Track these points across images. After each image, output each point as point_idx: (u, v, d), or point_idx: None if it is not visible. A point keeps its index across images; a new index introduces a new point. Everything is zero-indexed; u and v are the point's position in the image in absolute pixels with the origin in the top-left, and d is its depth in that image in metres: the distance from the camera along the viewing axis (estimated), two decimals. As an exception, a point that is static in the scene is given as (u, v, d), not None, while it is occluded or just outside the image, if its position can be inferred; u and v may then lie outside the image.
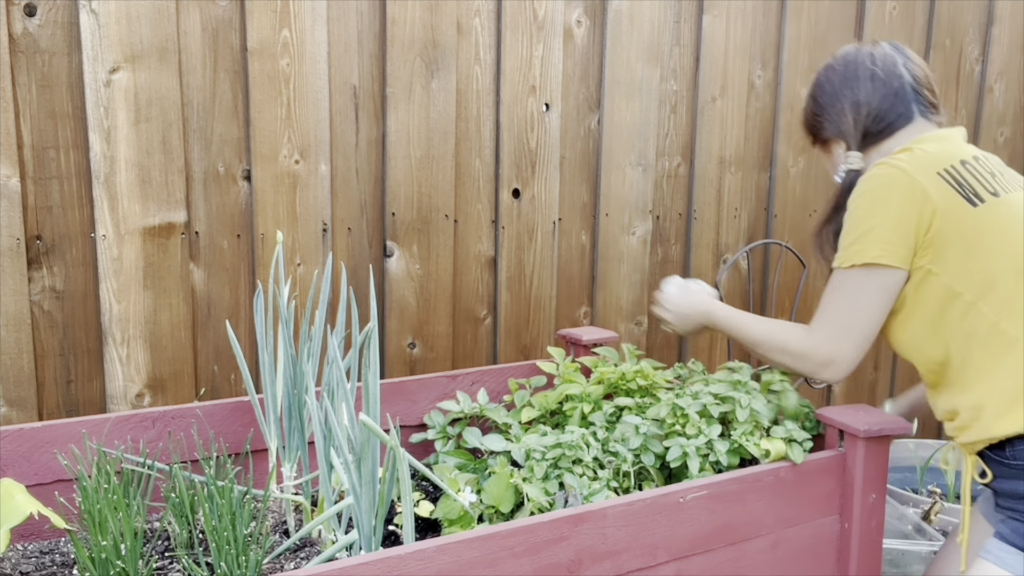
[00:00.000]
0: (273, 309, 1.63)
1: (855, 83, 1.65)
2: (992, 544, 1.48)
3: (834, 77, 1.69)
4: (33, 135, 1.78)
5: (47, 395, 1.86)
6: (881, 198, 1.50)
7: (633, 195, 2.43)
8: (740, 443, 1.52)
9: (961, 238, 1.46)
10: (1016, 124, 3.05)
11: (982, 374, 1.45)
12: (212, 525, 1.33)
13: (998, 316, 1.44)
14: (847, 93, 1.66)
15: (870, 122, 1.64)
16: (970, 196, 1.48)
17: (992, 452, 1.48)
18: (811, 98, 1.74)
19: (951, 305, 1.47)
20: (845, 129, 1.66)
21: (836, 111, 1.67)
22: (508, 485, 1.50)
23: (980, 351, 1.45)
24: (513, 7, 2.18)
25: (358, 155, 2.08)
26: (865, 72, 1.65)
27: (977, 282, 1.45)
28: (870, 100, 1.64)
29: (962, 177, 1.50)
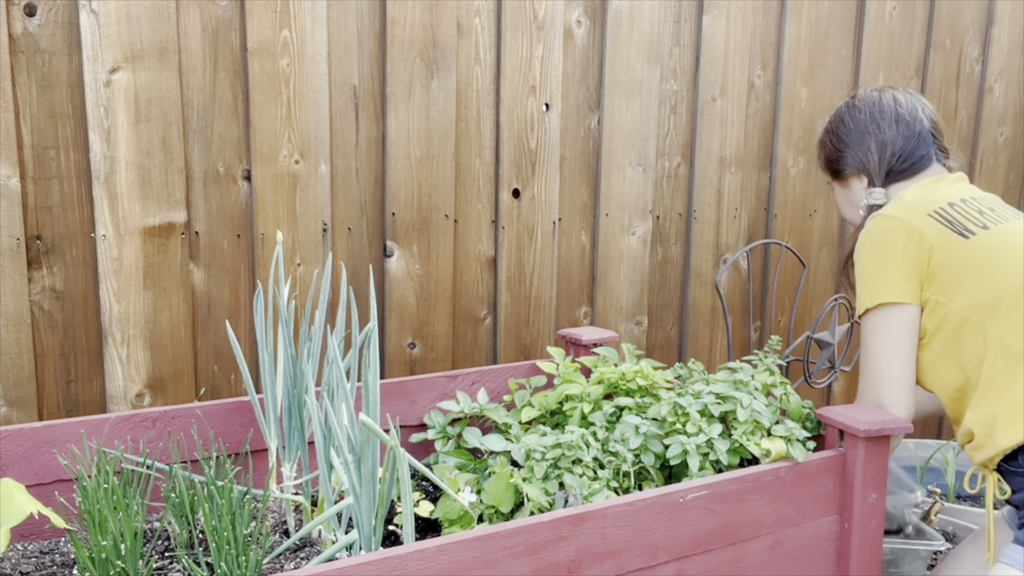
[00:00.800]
0: (273, 309, 1.63)
1: (881, 123, 1.76)
2: (1012, 549, 1.52)
3: (860, 116, 1.78)
4: (33, 135, 1.78)
5: (47, 395, 1.86)
6: (882, 246, 1.63)
7: (633, 195, 2.43)
8: (741, 443, 1.52)
9: (960, 267, 1.57)
10: (1016, 124, 3.05)
11: (992, 389, 1.52)
12: (212, 525, 1.32)
13: (1003, 332, 1.51)
14: (874, 131, 1.76)
15: (896, 162, 1.75)
16: (960, 231, 1.60)
17: (1008, 464, 1.52)
18: (832, 134, 1.83)
19: (962, 329, 1.56)
20: (870, 166, 1.77)
21: (862, 149, 1.77)
22: (508, 485, 1.50)
23: (989, 368, 1.52)
24: (513, 7, 2.18)
25: (358, 155, 2.08)
26: (891, 114, 1.76)
27: (981, 304, 1.55)
28: (895, 141, 1.75)
29: (951, 216, 1.63)
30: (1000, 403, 1.51)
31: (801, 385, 2.08)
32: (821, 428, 1.60)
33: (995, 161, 3.03)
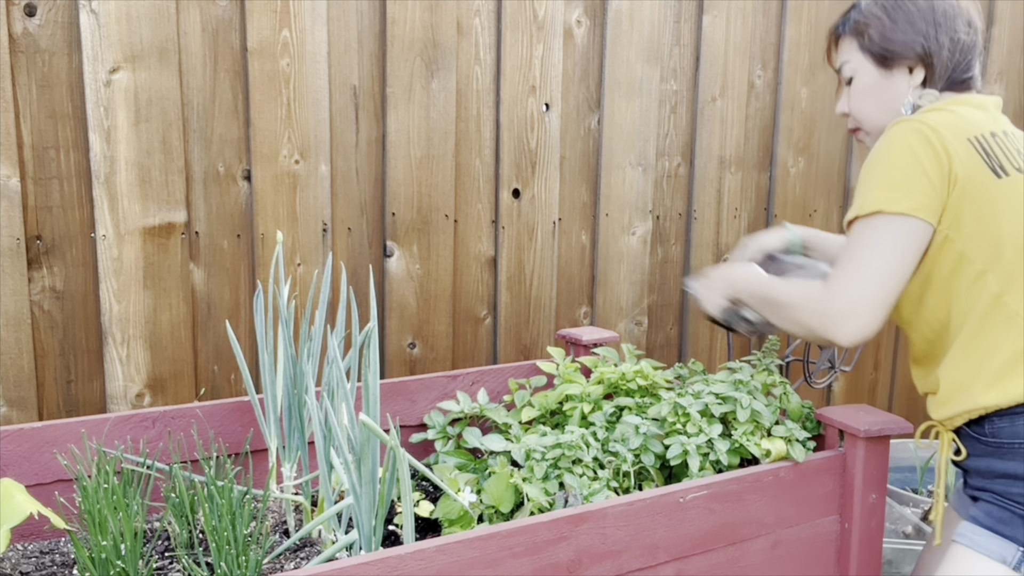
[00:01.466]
0: (273, 309, 1.63)
1: (957, 18, 1.53)
2: (964, 527, 1.46)
3: (938, 2, 1.54)
4: (33, 135, 1.78)
5: (47, 395, 1.86)
6: (913, 152, 1.41)
7: (633, 195, 2.43)
8: (741, 443, 1.52)
9: (980, 206, 1.41)
10: (1016, 124, 3.04)
11: (976, 344, 1.43)
12: (212, 525, 1.33)
13: (1002, 288, 1.41)
14: (949, 24, 1.53)
15: (962, 66, 1.54)
16: (996, 168, 1.43)
17: (969, 428, 1.46)
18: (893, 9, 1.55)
19: (961, 271, 1.43)
20: (938, 61, 1.53)
21: (932, 36, 1.52)
22: (508, 485, 1.50)
23: (978, 320, 1.43)
24: (513, 7, 2.18)
25: (358, 155, 2.08)
26: (964, 13, 1.55)
27: (988, 252, 1.42)
28: (965, 43, 1.54)
29: (991, 148, 1.45)
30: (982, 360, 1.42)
31: (801, 385, 2.08)
32: (821, 428, 1.60)
33: (995, 161, 3.03)
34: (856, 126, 1.62)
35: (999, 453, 1.42)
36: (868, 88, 1.57)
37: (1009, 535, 1.40)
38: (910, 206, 1.39)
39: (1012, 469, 1.40)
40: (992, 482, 1.44)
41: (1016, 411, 1.39)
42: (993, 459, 1.43)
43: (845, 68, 1.60)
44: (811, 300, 1.46)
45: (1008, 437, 1.41)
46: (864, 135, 1.62)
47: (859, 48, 1.57)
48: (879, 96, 1.57)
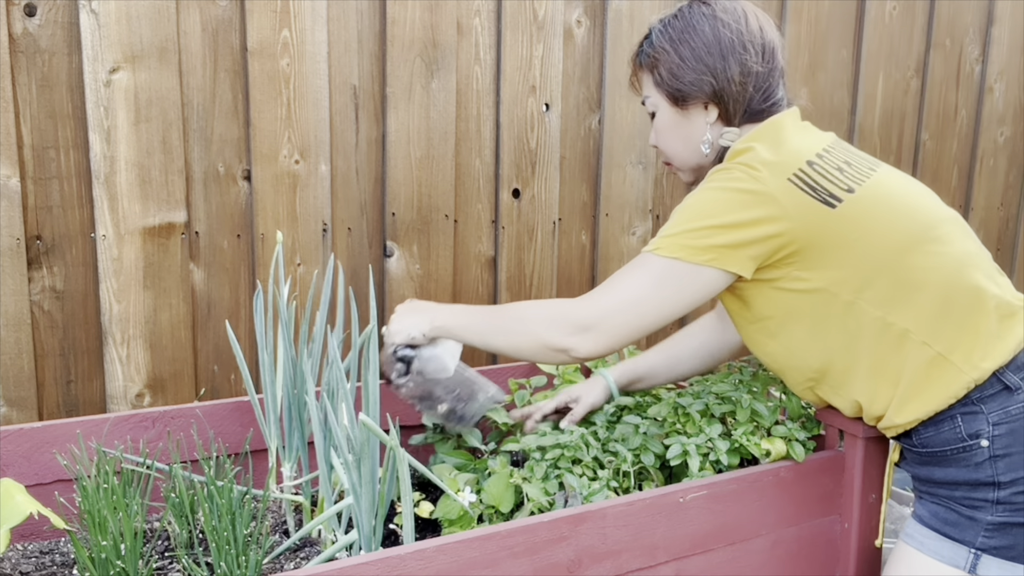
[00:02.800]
0: (273, 309, 1.63)
1: (749, 47, 1.43)
2: (911, 527, 1.45)
3: (725, 32, 1.42)
4: (33, 135, 1.78)
5: (47, 395, 1.86)
6: (738, 201, 1.34)
7: (633, 195, 2.43)
8: (741, 443, 1.52)
9: (824, 243, 1.35)
10: (1016, 124, 3.05)
11: (880, 370, 1.39)
12: (212, 525, 1.33)
13: (883, 311, 1.36)
14: (740, 54, 1.42)
15: (758, 98, 1.45)
16: (826, 199, 1.35)
17: (901, 440, 1.45)
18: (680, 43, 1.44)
19: (829, 308, 1.38)
20: (730, 98, 1.43)
21: (723, 73, 1.42)
22: (508, 485, 1.50)
23: (871, 348, 1.38)
24: (513, 7, 2.18)
25: (358, 155, 2.08)
26: (757, 36, 1.44)
27: (852, 282, 1.36)
28: (760, 72, 1.44)
29: (813, 179, 1.36)
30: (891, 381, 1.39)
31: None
32: (821, 428, 1.60)
33: (995, 161, 3.03)
34: (667, 160, 1.56)
35: (934, 461, 1.41)
36: (667, 126, 1.50)
37: (959, 538, 1.38)
38: (708, 258, 1.34)
39: (952, 475, 1.39)
40: (935, 487, 1.42)
41: (938, 419, 1.38)
42: (931, 467, 1.42)
43: (647, 103, 1.52)
44: (555, 308, 1.43)
45: (938, 445, 1.39)
46: (676, 170, 1.57)
47: (654, 84, 1.49)
48: (678, 133, 1.50)
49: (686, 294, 1.37)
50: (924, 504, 1.45)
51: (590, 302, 1.40)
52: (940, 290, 1.37)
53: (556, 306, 1.43)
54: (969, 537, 1.37)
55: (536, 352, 1.43)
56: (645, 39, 1.51)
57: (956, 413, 1.37)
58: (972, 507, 1.37)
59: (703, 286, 1.37)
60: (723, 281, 1.38)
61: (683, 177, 1.57)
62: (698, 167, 1.52)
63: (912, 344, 1.37)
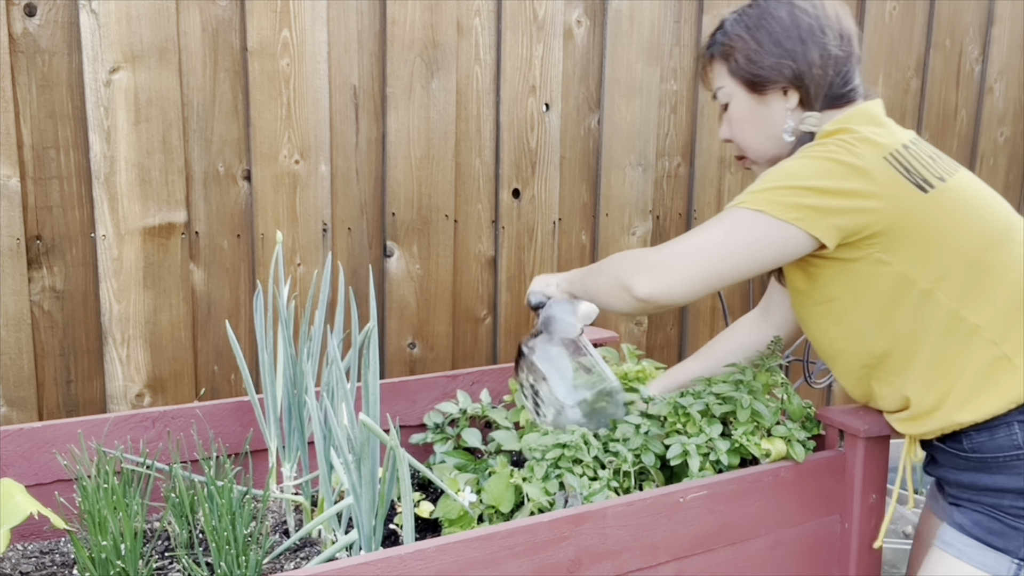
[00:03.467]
0: (273, 309, 1.63)
1: (828, 31, 1.42)
2: (950, 535, 1.41)
3: (804, 17, 1.42)
4: (33, 135, 1.78)
5: (47, 395, 1.86)
6: (833, 169, 1.32)
7: (633, 195, 2.43)
8: (741, 443, 1.52)
9: (913, 227, 1.34)
10: (1016, 124, 3.05)
11: (942, 364, 1.37)
12: (212, 525, 1.32)
13: (957, 304, 1.35)
14: (819, 39, 1.42)
15: (839, 82, 1.44)
16: (919, 182, 1.34)
17: (945, 443, 1.42)
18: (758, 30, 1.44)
19: (905, 294, 1.36)
20: (811, 82, 1.42)
21: (804, 58, 1.41)
22: (508, 485, 1.50)
23: (938, 340, 1.37)
24: (513, 7, 2.18)
25: (358, 155, 2.08)
26: (834, 22, 1.44)
27: (932, 270, 1.34)
28: (839, 57, 1.43)
29: (908, 161, 1.36)
30: (953, 378, 1.37)
31: (801, 385, 2.08)
32: (821, 428, 1.60)
33: (995, 161, 3.03)
34: (741, 154, 1.54)
35: (983, 467, 1.38)
36: (744, 115, 1.48)
37: (1002, 547, 1.36)
38: (793, 216, 1.31)
39: (1001, 483, 1.36)
40: (980, 494, 1.40)
41: (993, 424, 1.36)
42: (978, 473, 1.39)
43: (720, 94, 1.51)
44: (632, 251, 1.43)
45: (991, 451, 1.37)
46: (751, 163, 1.54)
47: (729, 73, 1.47)
48: (757, 122, 1.47)
49: (763, 249, 1.33)
50: (964, 512, 1.41)
51: (666, 244, 1.37)
52: (1014, 291, 1.36)
53: (640, 249, 1.40)
54: (1013, 547, 1.35)
55: (609, 290, 1.41)
56: (718, 30, 1.50)
57: (1013, 420, 1.35)
58: (1019, 516, 1.35)
59: (782, 245, 1.33)
60: (803, 245, 1.34)
61: (757, 170, 1.53)
62: (775, 157, 1.49)
63: (980, 341, 1.35)
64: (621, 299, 1.40)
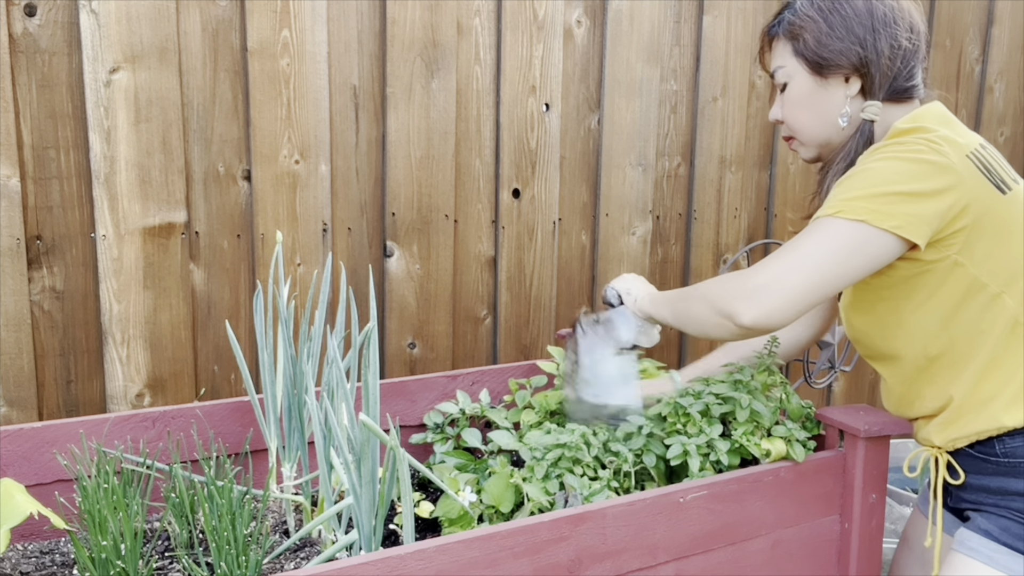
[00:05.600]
0: (273, 309, 1.63)
1: (899, 21, 1.41)
2: (975, 541, 1.40)
3: (877, 4, 1.40)
4: (33, 135, 1.78)
5: (47, 395, 1.86)
6: (922, 171, 1.29)
7: (633, 195, 2.43)
8: (741, 443, 1.52)
9: (991, 227, 1.32)
10: (1016, 124, 3.05)
11: (996, 366, 1.37)
12: (212, 525, 1.32)
13: (1020, 308, 1.35)
14: (890, 27, 1.40)
15: (904, 75, 1.42)
16: (998, 183, 1.34)
17: (973, 449, 1.41)
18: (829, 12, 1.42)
19: (974, 297, 1.35)
20: (875, 68, 1.40)
21: (870, 44, 1.39)
22: (508, 485, 1.50)
23: (995, 344, 1.36)
24: (513, 7, 2.18)
25: (358, 155, 2.08)
26: (907, 19, 1.42)
27: (1004, 273, 1.34)
28: (907, 49, 1.41)
29: (987, 162, 1.34)
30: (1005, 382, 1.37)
31: (801, 385, 2.08)
32: (821, 428, 1.60)
33: (995, 161, 3.03)
34: (790, 135, 1.52)
35: (1015, 472, 1.37)
36: (802, 96, 1.46)
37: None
38: (895, 224, 1.28)
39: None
40: (1008, 499, 1.39)
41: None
42: (1007, 478, 1.38)
43: (779, 73, 1.48)
44: (731, 275, 1.37)
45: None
46: (799, 145, 1.52)
47: (793, 53, 1.45)
48: (813, 105, 1.46)
49: (864, 260, 1.30)
50: (990, 518, 1.40)
51: (762, 265, 1.32)
52: None
53: (734, 273, 1.36)
54: None
55: (707, 319, 1.36)
56: (787, 8, 1.48)
57: None
58: None
59: (881, 254, 1.30)
60: (898, 250, 1.31)
61: (804, 153, 1.52)
62: (826, 143, 1.47)
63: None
64: (721, 327, 1.35)
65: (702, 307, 1.37)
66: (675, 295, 1.50)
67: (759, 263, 1.34)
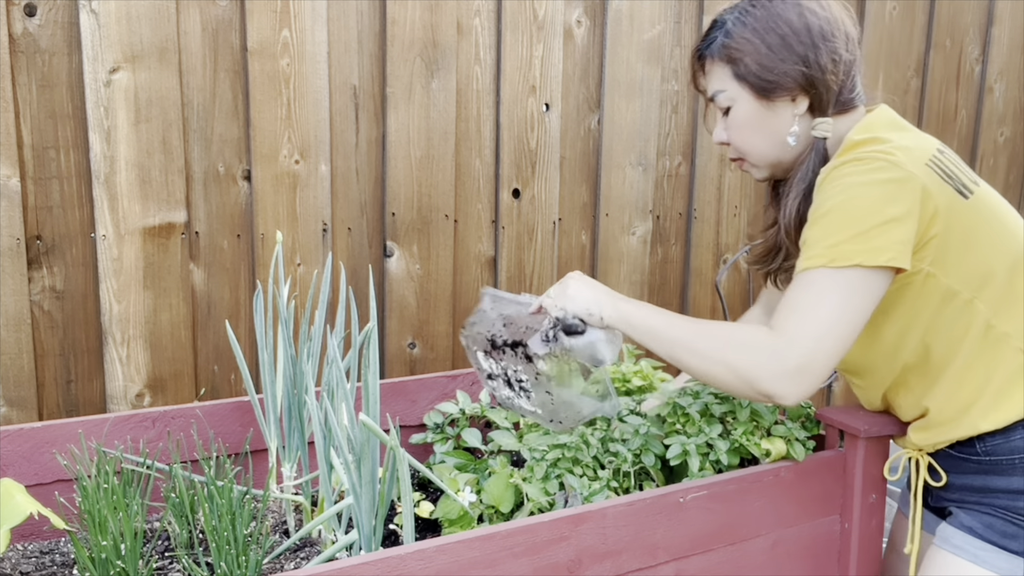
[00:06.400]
0: (273, 309, 1.63)
1: (836, 33, 1.37)
2: (959, 538, 1.41)
3: (813, 19, 1.35)
4: (33, 135, 1.78)
5: (47, 395, 1.86)
6: (890, 192, 1.26)
7: (633, 195, 2.43)
8: (741, 443, 1.52)
9: (958, 234, 1.31)
10: (1016, 124, 3.05)
11: (970, 372, 1.37)
12: (212, 525, 1.32)
13: (991, 312, 1.34)
14: (830, 43, 1.36)
15: (848, 86, 1.39)
16: (959, 188, 1.32)
17: (953, 449, 1.42)
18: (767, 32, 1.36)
19: (948, 305, 1.34)
20: (821, 85, 1.36)
21: (812, 61, 1.35)
22: (508, 485, 1.50)
23: (969, 349, 1.36)
24: (513, 7, 2.18)
25: (358, 155, 2.08)
26: (840, 23, 1.38)
27: (975, 278, 1.33)
28: (847, 60, 1.37)
29: (946, 167, 1.32)
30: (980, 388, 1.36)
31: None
32: (821, 428, 1.60)
33: (995, 161, 3.03)
34: (738, 156, 1.47)
35: (996, 470, 1.38)
36: (748, 119, 1.41)
37: (1018, 550, 1.36)
38: (888, 257, 1.25)
39: (1014, 485, 1.36)
40: (990, 497, 1.39)
41: (1010, 427, 1.36)
42: (989, 476, 1.39)
43: (720, 97, 1.43)
44: (760, 344, 1.27)
45: (1005, 453, 1.37)
46: (749, 167, 1.48)
47: (733, 76, 1.39)
48: (761, 127, 1.41)
49: (869, 300, 1.28)
50: (973, 515, 1.41)
51: (795, 342, 1.26)
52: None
53: (761, 341, 1.28)
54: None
55: (730, 386, 1.30)
56: (716, 30, 1.43)
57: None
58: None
59: (881, 289, 1.28)
60: (891, 279, 1.30)
61: (756, 174, 1.49)
62: (777, 162, 1.45)
63: (1008, 349, 1.35)
64: (746, 395, 1.31)
65: (725, 375, 1.29)
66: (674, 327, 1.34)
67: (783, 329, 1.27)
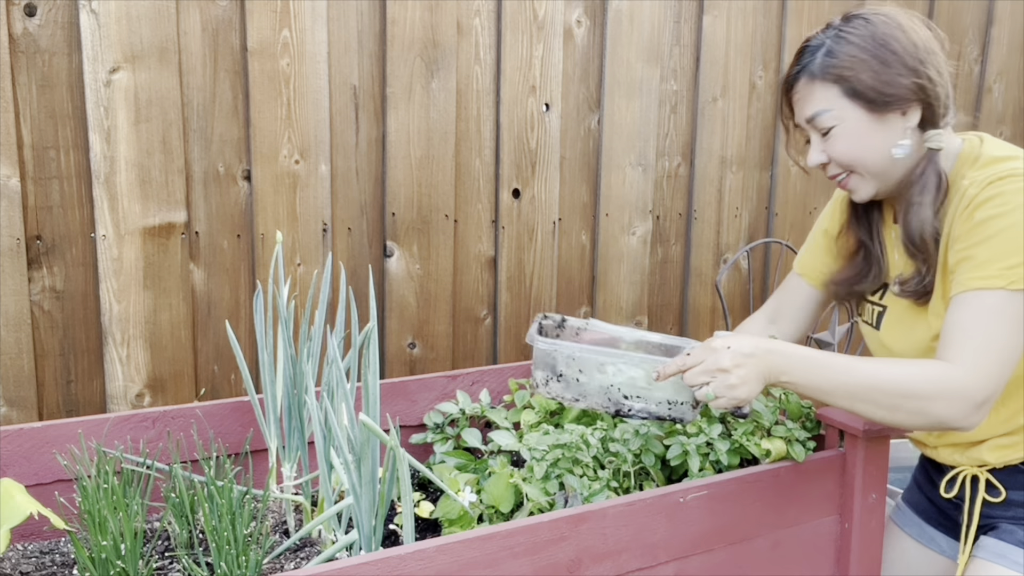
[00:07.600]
0: (273, 309, 1.63)
1: (935, 49, 1.41)
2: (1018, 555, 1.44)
3: (919, 33, 1.40)
4: (33, 135, 1.78)
5: (47, 395, 1.86)
6: None
7: (633, 195, 2.43)
8: (741, 443, 1.52)
9: None
10: (1016, 124, 3.05)
11: None
12: (212, 525, 1.32)
13: None
14: (934, 55, 1.40)
15: (949, 100, 1.42)
16: None
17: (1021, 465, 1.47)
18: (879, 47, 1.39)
19: None
20: (934, 99, 1.39)
21: (925, 74, 1.38)
22: (508, 485, 1.50)
23: None
24: (513, 7, 2.18)
25: (358, 155, 2.08)
26: (934, 43, 1.42)
27: None
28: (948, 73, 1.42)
29: None
30: None
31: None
32: (821, 428, 1.60)
33: (995, 161, 3.03)
34: (839, 172, 1.48)
35: None
36: (857, 135, 1.42)
37: None
38: None
39: None
40: None
41: None
42: None
43: (824, 117, 1.42)
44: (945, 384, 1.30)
45: None
46: (857, 181, 1.47)
47: (844, 94, 1.40)
48: (870, 142, 1.42)
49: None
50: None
51: (979, 373, 1.30)
52: None
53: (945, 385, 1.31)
54: None
55: (916, 425, 1.36)
56: (812, 53, 1.43)
57: None
58: None
59: None
60: None
61: (863, 191, 1.48)
62: (886, 175, 1.45)
63: None
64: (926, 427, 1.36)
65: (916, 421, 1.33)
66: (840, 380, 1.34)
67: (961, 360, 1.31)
